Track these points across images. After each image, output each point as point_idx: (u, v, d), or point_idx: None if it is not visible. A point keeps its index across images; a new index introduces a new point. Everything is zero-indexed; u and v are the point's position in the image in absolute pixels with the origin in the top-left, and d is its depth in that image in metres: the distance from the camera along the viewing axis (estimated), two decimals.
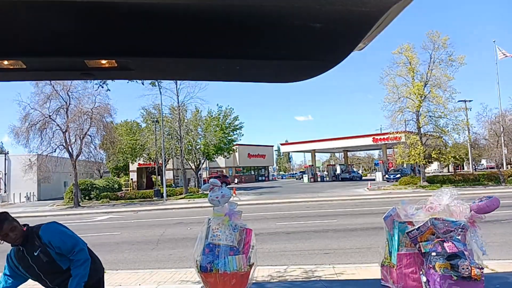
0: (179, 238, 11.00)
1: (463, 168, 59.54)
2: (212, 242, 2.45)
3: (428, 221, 2.35)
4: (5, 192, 37.50)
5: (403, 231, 2.46)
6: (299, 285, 3.75)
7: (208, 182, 2.77)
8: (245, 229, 2.51)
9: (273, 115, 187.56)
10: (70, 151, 28.14)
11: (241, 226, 2.52)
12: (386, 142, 41.68)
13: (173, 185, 43.26)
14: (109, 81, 9.19)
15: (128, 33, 1.48)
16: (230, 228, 2.48)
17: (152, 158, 39.98)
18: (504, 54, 33.58)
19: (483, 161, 59.99)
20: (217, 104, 55.34)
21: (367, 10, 1.28)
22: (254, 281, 2.55)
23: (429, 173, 43.93)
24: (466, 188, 26.12)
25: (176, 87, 32.18)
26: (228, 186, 36.11)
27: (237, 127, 41.21)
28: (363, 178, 54.60)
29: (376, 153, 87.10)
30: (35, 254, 2.75)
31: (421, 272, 2.38)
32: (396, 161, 42.85)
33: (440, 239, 2.31)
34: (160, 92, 30.47)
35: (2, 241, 2.74)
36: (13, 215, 2.76)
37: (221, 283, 2.37)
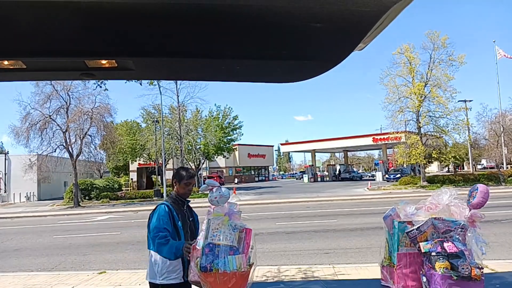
0: None
1: (463, 168, 59.54)
2: (212, 242, 2.45)
3: (427, 221, 2.35)
4: (5, 192, 37.50)
5: (403, 230, 2.46)
6: (298, 285, 3.74)
7: (205, 183, 2.76)
8: (245, 229, 2.51)
9: (273, 115, 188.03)
10: (70, 151, 28.14)
11: (241, 226, 2.51)
12: (386, 142, 41.73)
13: None
14: (108, 81, 9.20)
15: (128, 33, 1.48)
16: (230, 228, 2.48)
17: (152, 158, 39.99)
18: (504, 55, 33.52)
19: (483, 161, 59.97)
20: (215, 104, 55.41)
21: (367, 10, 1.28)
22: (253, 281, 2.54)
23: (429, 173, 43.96)
24: (466, 188, 26.06)
25: (176, 87, 32.22)
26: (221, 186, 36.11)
27: (237, 126, 41.23)
28: (364, 178, 54.61)
29: (376, 153, 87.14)
30: (190, 219, 3.06)
31: (421, 272, 2.38)
32: (396, 161, 42.83)
33: (440, 239, 2.31)
34: (160, 92, 30.49)
35: (176, 188, 3.07)
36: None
37: (221, 283, 2.36)
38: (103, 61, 1.68)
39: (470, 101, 33.20)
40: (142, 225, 14.67)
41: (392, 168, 49.31)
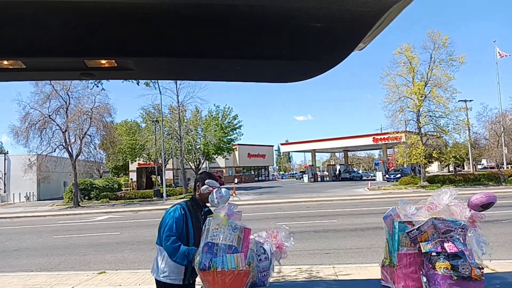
0: None
1: (464, 168, 59.56)
2: (211, 241, 2.45)
3: (428, 221, 2.34)
4: (4, 192, 37.49)
5: (403, 231, 2.45)
6: (299, 285, 3.74)
7: (205, 184, 2.75)
8: (244, 229, 2.51)
9: (273, 115, 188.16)
10: (70, 151, 28.14)
11: (240, 226, 2.52)
12: (387, 142, 41.71)
13: (173, 185, 43.28)
14: (107, 81, 9.20)
15: (128, 33, 1.48)
16: (230, 228, 2.48)
17: (152, 158, 39.99)
18: (504, 54, 33.55)
19: (484, 161, 60.00)
20: (214, 104, 55.39)
21: (367, 10, 1.27)
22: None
23: (429, 173, 43.98)
24: (466, 188, 26.13)
25: (176, 87, 32.23)
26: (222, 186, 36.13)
27: (236, 126, 41.25)
28: (364, 178, 54.63)
29: (376, 153, 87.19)
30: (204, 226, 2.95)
31: (421, 272, 2.38)
32: (397, 161, 42.84)
33: (440, 239, 2.31)
34: (160, 92, 30.50)
35: (198, 192, 2.98)
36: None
37: (219, 281, 2.37)
38: (103, 61, 1.68)
39: (470, 101, 33.23)
40: (141, 225, 14.67)
41: (392, 168, 49.32)
